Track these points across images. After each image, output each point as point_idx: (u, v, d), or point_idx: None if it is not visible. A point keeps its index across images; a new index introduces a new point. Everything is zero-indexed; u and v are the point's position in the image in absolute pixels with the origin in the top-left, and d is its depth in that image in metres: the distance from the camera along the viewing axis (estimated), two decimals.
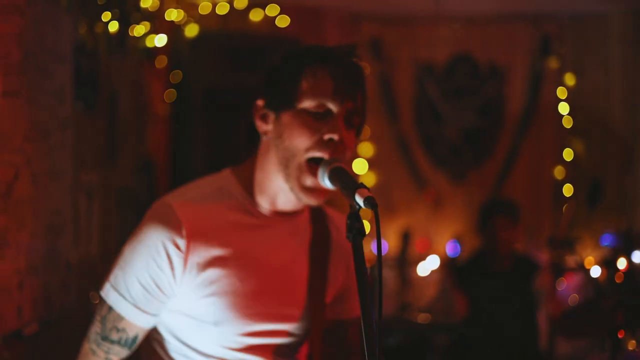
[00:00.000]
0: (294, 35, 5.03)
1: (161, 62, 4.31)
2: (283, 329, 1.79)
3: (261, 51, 4.58)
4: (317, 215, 1.89)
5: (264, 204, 1.78)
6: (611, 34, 5.37)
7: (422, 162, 5.45)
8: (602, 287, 4.92)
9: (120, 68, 3.54)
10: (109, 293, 1.75)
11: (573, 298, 5.16)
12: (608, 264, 5.13)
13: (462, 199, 5.43)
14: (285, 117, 1.71)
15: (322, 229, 1.88)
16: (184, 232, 1.69)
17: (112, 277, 1.77)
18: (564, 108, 5.39)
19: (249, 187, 1.79)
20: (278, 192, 1.76)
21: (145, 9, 3.95)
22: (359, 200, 1.44)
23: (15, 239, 2.46)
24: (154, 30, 4.12)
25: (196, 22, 4.81)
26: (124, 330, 1.73)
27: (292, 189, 1.71)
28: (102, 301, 1.77)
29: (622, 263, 5.11)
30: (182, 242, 1.69)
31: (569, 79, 5.41)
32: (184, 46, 4.66)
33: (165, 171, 4.51)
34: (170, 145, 4.62)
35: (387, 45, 5.41)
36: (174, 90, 4.59)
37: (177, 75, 4.60)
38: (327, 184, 1.61)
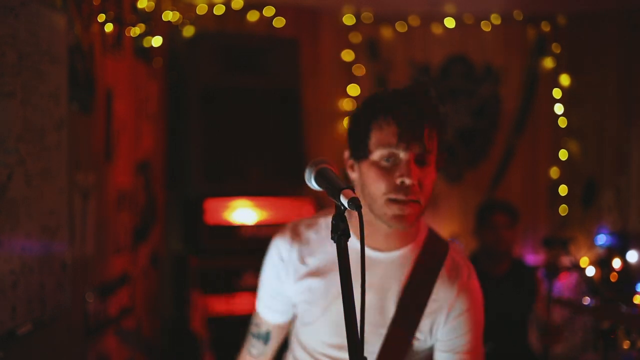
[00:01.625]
0: (290, 36, 5.04)
1: (157, 62, 4.32)
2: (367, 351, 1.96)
3: (258, 52, 4.59)
4: (429, 255, 2.01)
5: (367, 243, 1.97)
6: (606, 34, 5.39)
7: None
8: (597, 287, 4.94)
9: (116, 69, 3.54)
10: (257, 301, 2.19)
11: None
12: (603, 264, 5.15)
13: (458, 200, 5.44)
14: (363, 167, 1.93)
15: (426, 270, 1.99)
16: (288, 245, 2.06)
17: (258, 288, 2.19)
18: (559, 108, 5.41)
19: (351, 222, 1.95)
20: (370, 229, 1.94)
21: (142, 10, 3.96)
22: (344, 201, 1.47)
23: (9, 239, 2.47)
24: (150, 31, 4.13)
25: (193, 22, 4.82)
26: (258, 325, 2.17)
27: (383, 221, 1.90)
28: None
29: (616, 263, 5.14)
30: (286, 253, 2.06)
31: (564, 80, 5.42)
32: (180, 47, 4.67)
33: (162, 172, 4.52)
34: (166, 146, 4.62)
35: (383, 46, 5.43)
36: (170, 90, 4.60)
37: (173, 76, 4.60)
38: (313, 185, 1.65)
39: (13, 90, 2.49)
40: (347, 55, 5.35)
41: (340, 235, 1.46)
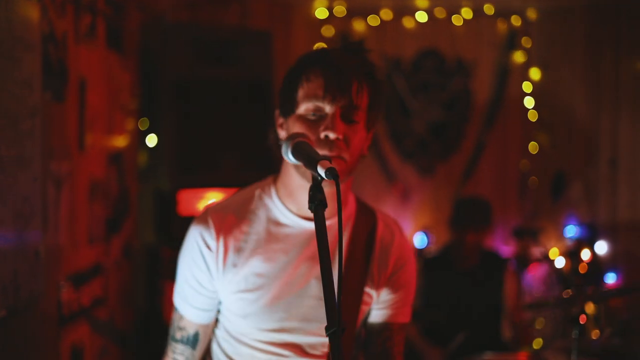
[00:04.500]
0: (263, 28, 5.06)
1: (130, 53, 4.31)
2: (310, 329, 1.90)
3: (231, 44, 4.59)
4: (363, 220, 1.98)
5: (293, 209, 1.91)
6: (576, 29, 5.47)
7: (390, 155, 5.50)
8: (566, 278, 5.02)
9: (90, 58, 3.53)
10: (174, 296, 2.00)
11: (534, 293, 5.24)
12: (572, 255, 5.23)
13: (430, 192, 5.49)
14: (290, 122, 1.85)
15: (365, 231, 1.97)
16: (214, 234, 1.89)
17: (176, 284, 2.01)
18: (529, 102, 5.48)
19: (281, 193, 1.93)
20: (301, 193, 1.87)
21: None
22: (321, 171, 1.49)
23: None
24: (124, 20, 4.13)
25: (166, 13, 4.82)
26: (183, 328, 1.96)
27: (306, 178, 1.81)
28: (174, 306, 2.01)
29: (586, 254, 5.22)
30: (213, 243, 1.89)
31: (535, 74, 5.49)
32: (153, 38, 4.66)
33: (134, 163, 4.51)
34: (139, 138, 4.61)
35: (355, 39, 5.45)
36: (143, 82, 4.59)
37: (146, 67, 4.60)
38: (290, 158, 1.66)
39: None
40: None
41: (317, 205, 1.47)
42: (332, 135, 1.75)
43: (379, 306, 2.01)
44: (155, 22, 4.77)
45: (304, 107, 1.80)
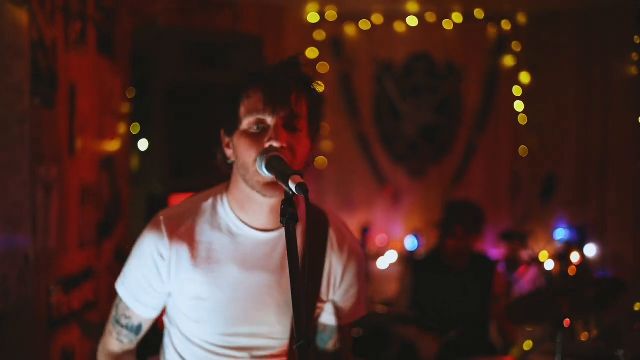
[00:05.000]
0: (255, 32, 5.09)
1: (122, 58, 4.34)
2: (261, 332, 1.98)
3: (223, 48, 4.62)
4: (315, 224, 2.03)
5: (245, 220, 1.95)
6: (565, 33, 5.50)
7: (381, 158, 5.53)
8: (555, 280, 5.05)
9: (80, 64, 3.56)
10: (119, 286, 2.05)
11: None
12: (561, 258, 5.26)
13: (421, 195, 5.52)
14: (235, 139, 1.89)
15: (318, 237, 2.02)
16: (167, 244, 1.95)
17: (122, 273, 2.06)
18: (519, 106, 5.51)
19: (233, 204, 1.97)
20: (251, 205, 1.92)
21: (106, 5, 3.98)
22: (292, 186, 1.54)
23: None
24: (115, 25, 4.15)
25: (157, 17, 4.85)
26: (130, 317, 2.05)
27: (257, 191, 1.85)
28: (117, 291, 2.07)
29: (575, 257, 5.25)
30: (166, 253, 1.95)
31: (524, 78, 5.53)
32: (145, 42, 4.69)
33: (126, 168, 4.54)
34: (131, 142, 4.64)
35: (346, 44, 5.49)
36: (134, 86, 4.61)
37: (137, 72, 4.62)
38: (264, 172, 1.72)
39: None
40: (311, 53, 5.41)
41: (288, 219, 1.52)
42: (276, 144, 1.78)
43: (332, 309, 2.07)
44: (147, 26, 4.79)
45: (246, 122, 1.84)
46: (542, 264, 5.22)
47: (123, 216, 4.42)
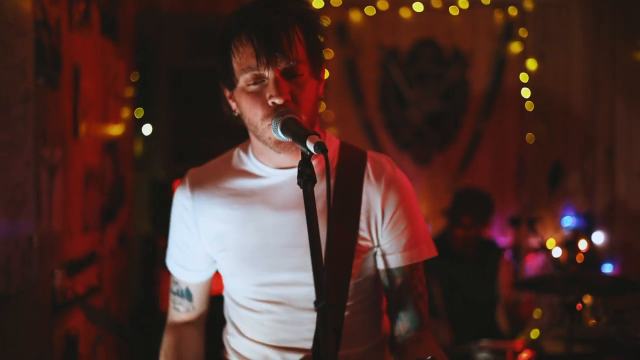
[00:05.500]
0: None
1: (125, 41, 4.30)
2: (301, 280, 1.84)
3: None
4: (346, 162, 1.90)
5: (267, 163, 1.89)
6: (572, 19, 5.45)
7: (387, 145, 5.49)
8: (563, 267, 5.01)
9: (84, 45, 3.52)
10: (166, 259, 2.11)
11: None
12: (569, 245, 5.22)
13: (427, 182, 5.48)
14: (236, 96, 1.81)
15: (349, 174, 1.88)
16: (189, 194, 1.95)
17: (168, 244, 2.10)
18: (526, 92, 5.46)
19: (255, 151, 1.92)
20: (269, 151, 1.84)
21: None
22: (310, 146, 1.49)
23: None
24: (119, 8, 4.11)
25: (161, 2, 4.81)
26: (177, 284, 2.08)
27: (270, 148, 1.79)
28: None
29: (582, 244, 5.21)
30: (188, 203, 1.95)
31: (531, 64, 5.48)
32: (149, 27, 4.65)
33: (129, 153, 4.50)
34: (134, 127, 4.61)
35: (352, 30, 5.44)
36: (138, 71, 4.58)
37: (141, 57, 4.59)
38: (280, 135, 1.66)
39: None
40: None
41: (306, 180, 1.47)
42: (278, 101, 1.71)
43: (386, 251, 1.89)
44: (151, 11, 4.76)
45: (242, 80, 1.75)
46: (549, 251, 5.18)
47: (126, 201, 4.38)
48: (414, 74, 5.52)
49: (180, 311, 2.08)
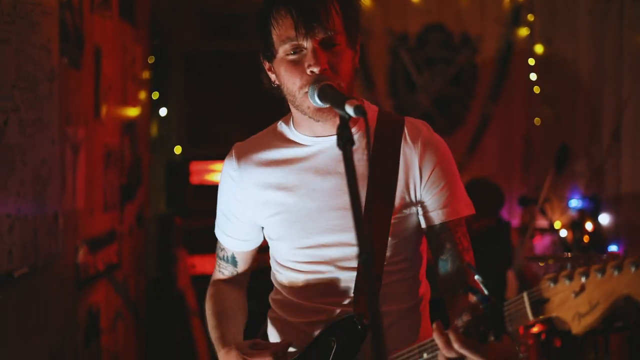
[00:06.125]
0: None
1: (142, 25, 4.38)
2: (343, 240, 1.92)
3: (241, 17, 4.66)
4: (384, 127, 1.97)
5: (306, 133, 1.96)
6: (579, 4, 5.51)
7: None
8: (570, 248, 5.09)
9: (104, 27, 3.61)
10: (215, 229, 2.14)
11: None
12: (575, 226, 5.30)
13: None
14: (276, 66, 1.89)
15: (387, 138, 1.94)
16: (235, 164, 2.01)
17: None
18: (533, 76, 5.53)
19: (295, 123, 1.99)
20: (310, 121, 1.91)
21: None
22: (349, 109, 1.56)
23: (5, 183, 2.55)
24: None
25: None
26: (223, 250, 2.13)
27: (309, 117, 1.87)
28: None
29: (588, 225, 5.29)
30: (235, 173, 2.02)
31: (539, 49, 5.55)
32: (163, 11, 4.73)
33: (146, 134, 4.59)
34: (150, 109, 4.69)
35: (361, 15, 5.50)
36: (154, 54, 4.66)
37: (157, 40, 4.67)
38: (317, 101, 1.74)
39: (8, 37, 2.56)
40: None
41: (345, 142, 1.51)
42: (316, 69, 1.78)
43: (425, 210, 1.96)
44: None
45: (282, 50, 1.84)
46: (557, 231, 5.25)
47: (144, 181, 4.48)
48: (423, 59, 5.58)
49: (225, 274, 2.16)
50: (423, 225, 1.98)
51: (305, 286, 1.98)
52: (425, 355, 1.74)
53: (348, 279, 1.94)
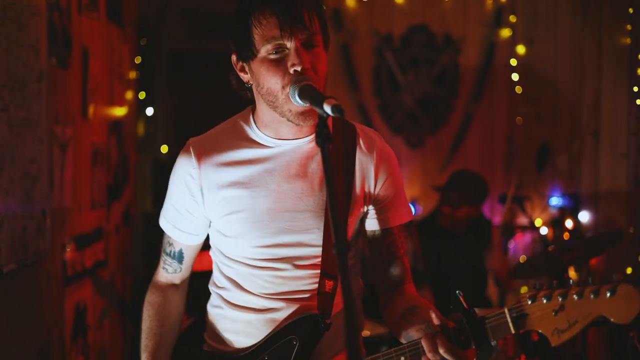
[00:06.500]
0: None
1: (129, 25, 4.43)
2: (299, 241, 2.00)
3: (227, 16, 4.70)
4: (339, 132, 2.04)
5: (270, 134, 2.01)
6: (560, 5, 5.61)
7: (380, 129, 5.63)
8: (550, 244, 5.17)
9: (91, 28, 3.66)
10: (160, 220, 2.16)
11: (521, 258, 5.41)
12: (555, 224, 5.39)
13: (419, 164, 5.63)
14: (254, 66, 1.92)
15: (344, 146, 2.02)
16: (195, 163, 2.02)
17: (163, 207, 2.16)
18: (515, 77, 5.62)
19: (258, 123, 2.04)
20: (279, 124, 1.98)
21: None
22: (327, 108, 1.63)
23: None
24: None
25: None
26: (172, 244, 2.15)
27: (288, 119, 1.91)
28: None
29: (569, 223, 5.39)
30: (195, 172, 2.02)
31: (520, 49, 5.64)
32: (150, 11, 4.77)
33: (133, 133, 4.64)
34: (137, 108, 4.74)
35: (347, 16, 5.58)
36: (140, 54, 4.71)
37: (143, 40, 4.71)
38: (297, 100, 1.81)
39: None
40: None
41: (323, 139, 1.57)
42: (299, 68, 1.84)
43: (374, 214, 2.08)
44: None
45: (264, 50, 1.87)
46: (537, 229, 5.35)
47: (130, 180, 4.53)
48: (407, 59, 5.66)
49: (169, 272, 2.19)
50: (372, 228, 2.10)
51: (262, 282, 2.03)
52: (402, 359, 1.84)
53: (305, 276, 2.02)
